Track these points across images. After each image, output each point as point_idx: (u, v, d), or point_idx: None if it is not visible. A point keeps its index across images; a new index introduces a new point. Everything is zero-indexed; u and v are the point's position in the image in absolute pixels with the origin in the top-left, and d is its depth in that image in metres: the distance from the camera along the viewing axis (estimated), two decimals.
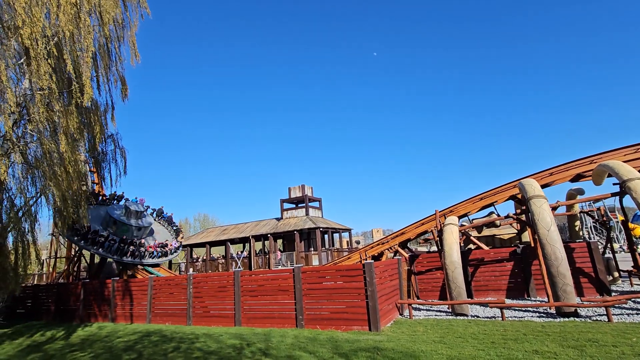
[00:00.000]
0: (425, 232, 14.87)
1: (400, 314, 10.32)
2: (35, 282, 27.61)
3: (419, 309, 11.08)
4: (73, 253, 21.89)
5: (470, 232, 14.09)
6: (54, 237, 24.34)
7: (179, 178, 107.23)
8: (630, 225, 15.96)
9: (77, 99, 10.58)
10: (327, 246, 29.60)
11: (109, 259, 19.03)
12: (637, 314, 8.08)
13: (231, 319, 10.55)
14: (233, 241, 30.47)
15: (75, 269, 21.13)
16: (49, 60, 9.64)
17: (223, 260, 30.02)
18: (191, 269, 29.22)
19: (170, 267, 29.49)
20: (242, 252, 30.36)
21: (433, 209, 14.41)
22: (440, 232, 11.49)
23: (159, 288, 12.54)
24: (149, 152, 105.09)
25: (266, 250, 29.90)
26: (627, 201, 10.37)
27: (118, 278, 15.05)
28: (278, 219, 30.06)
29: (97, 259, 20.53)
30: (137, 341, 9.34)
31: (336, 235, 32.24)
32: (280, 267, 24.87)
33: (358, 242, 41.71)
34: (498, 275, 12.13)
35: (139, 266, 18.70)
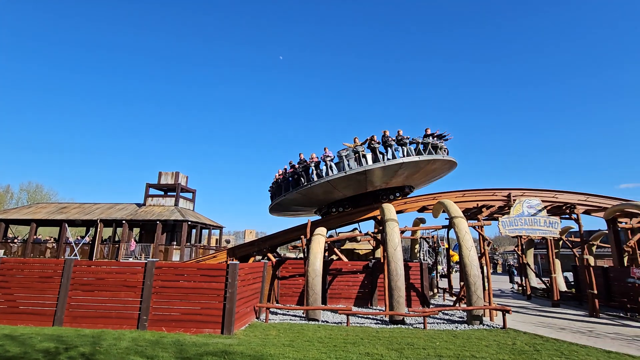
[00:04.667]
0: (296, 239, 15.43)
1: (257, 318, 10.28)
2: None
3: (276, 313, 11.29)
4: None
5: (335, 244, 15.29)
6: None
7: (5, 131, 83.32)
8: (451, 252, 20.21)
9: None
10: (193, 242, 27.56)
11: None
12: (444, 322, 10.12)
13: (50, 317, 8.57)
14: (74, 223, 25.24)
15: None
16: None
17: (54, 245, 24.51)
18: (2, 251, 22.81)
19: None
20: (83, 237, 25.41)
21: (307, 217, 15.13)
22: (309, 241, 12.08)
23: None
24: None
25: (118, 238, 25.83)
26: (453, 233, 13.03)
27: None
28: (139, 205, 26.50)
29: None
30: None
31: (205, 232, 30.41)
32: (131, 260, 21.80)
33: (228, 241, 40.35)
34: (351, 285, 13.46)
35: None
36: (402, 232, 12.99)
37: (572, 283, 18.38)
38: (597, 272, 13.63)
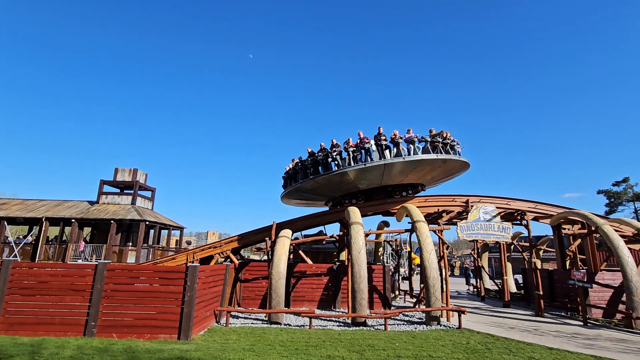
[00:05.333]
0: (261, 241, 15.18)
1: (217, 322, 9.95)
2: None
3: (238, 317, 10.99)
4: None
5: (300, 246, 15.21)
6: None
7: None
8: (413, 255, 20.83)
9: None
10: (150, 243, 26.22)
11: None
12: (404, 324, 10.38)
13: None
14: (14, 221, 23.10)
15: None
16: None
17: None
18: None
19: None
20: (25, 236, 23.28)
21: (272, 220, 14.94)
22: (274, 243, 11.92)
23: None
24: None
25: (66, 238, 23.96)
26: (415, 237, 13.42)
27: None
28: (92, 203, 24.79)
29: None
30: None
31: (165, 232, 29.07)
32: (80, 262, 20.29)
33: (189, 243, 38.94)
34: (315, 287, 13.43)
35: None
36: (367, 235, 13.20)
37: (522, 285, 19.67)
38: (543, 275, 14.68)
